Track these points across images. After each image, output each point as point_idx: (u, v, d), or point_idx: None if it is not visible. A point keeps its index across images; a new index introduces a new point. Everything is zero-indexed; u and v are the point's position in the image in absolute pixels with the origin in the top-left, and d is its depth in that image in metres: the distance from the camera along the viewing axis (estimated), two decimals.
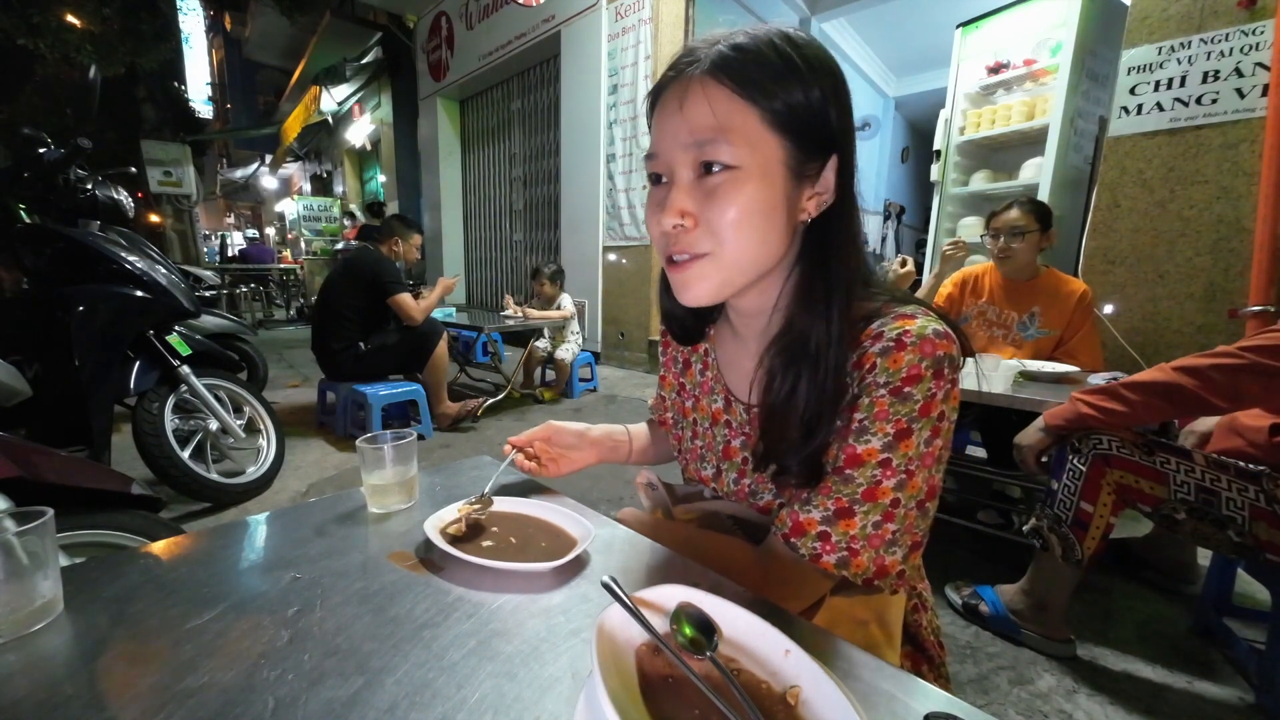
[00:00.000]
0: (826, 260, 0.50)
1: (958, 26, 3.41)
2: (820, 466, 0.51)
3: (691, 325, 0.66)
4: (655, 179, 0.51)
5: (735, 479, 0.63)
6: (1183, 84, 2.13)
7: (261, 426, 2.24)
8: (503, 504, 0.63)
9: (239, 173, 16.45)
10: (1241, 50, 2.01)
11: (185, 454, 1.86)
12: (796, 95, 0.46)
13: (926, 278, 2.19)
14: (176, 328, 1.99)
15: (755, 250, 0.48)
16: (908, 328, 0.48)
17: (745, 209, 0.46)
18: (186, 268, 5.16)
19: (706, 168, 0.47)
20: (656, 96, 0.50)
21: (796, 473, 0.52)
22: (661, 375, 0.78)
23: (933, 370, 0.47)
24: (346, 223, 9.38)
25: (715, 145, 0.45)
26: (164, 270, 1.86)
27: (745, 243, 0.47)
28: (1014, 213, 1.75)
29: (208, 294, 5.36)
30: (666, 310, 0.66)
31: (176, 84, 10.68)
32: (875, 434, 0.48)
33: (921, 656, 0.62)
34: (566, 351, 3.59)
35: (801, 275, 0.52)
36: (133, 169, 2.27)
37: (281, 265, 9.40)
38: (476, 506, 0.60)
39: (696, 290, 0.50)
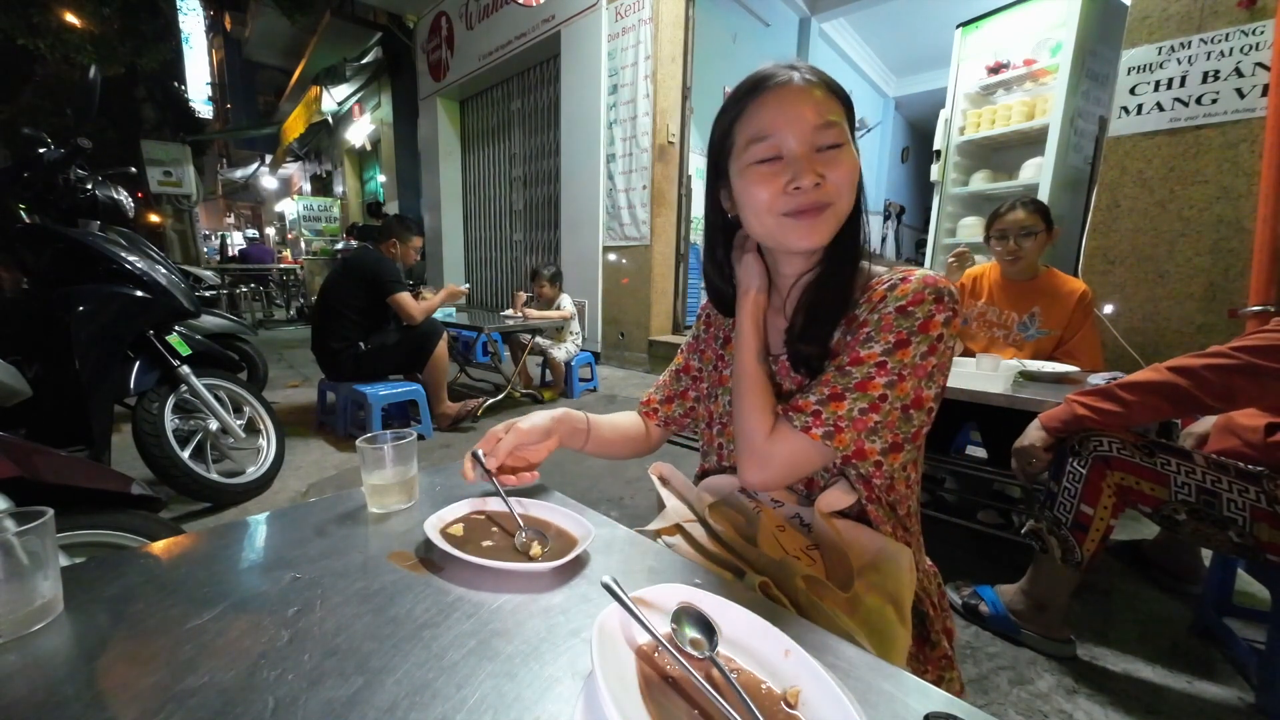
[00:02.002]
0: (857, 214, 0.63)
1: (958, 26, 3.41)
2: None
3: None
4: (764, 160, 0.61)
5: None
6: (1183, 84, 2.13)
7: (261, 426, 2.24)
8: (503, 504, 0.63)
9: (239, 173, 16.44)
10: (1241, 50, 2.01)
11: (185, 454, 1.86)
12: (845, 95, 0.63)
13: None
14: (176, 328, 1.99)
15: (851, 203, 0.61)
16: (913, 271, 0.60)
17: (850, 172, 0.60)
18: (186, 268, 5.16)
19: (822, 145, 0.59)
20: (757, 93, 0.61)
21: (814, 368, 0.64)
22: (685, 363, 0.84)
23: (934, 295, 0.57)
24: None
25: (831, 129, 0.59)
26: (164, 270, 1.86)
27: (849, 196, 0.61)
28: (1021, 213, 1.73)
29: (208, 294, 5.36)
30: (717, 287, 0.74)
31: (176, 84, 10.68)
32: (878, 341, 0.57)
33: (925, 642, 0.66)
34: (563, 351, 3.58)
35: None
36: (133, 169, 2.26)
37: (281, 265, 9.40)
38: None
39: (822, 233, 0.60)
